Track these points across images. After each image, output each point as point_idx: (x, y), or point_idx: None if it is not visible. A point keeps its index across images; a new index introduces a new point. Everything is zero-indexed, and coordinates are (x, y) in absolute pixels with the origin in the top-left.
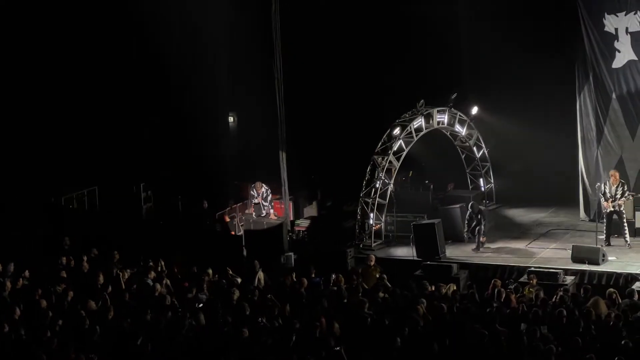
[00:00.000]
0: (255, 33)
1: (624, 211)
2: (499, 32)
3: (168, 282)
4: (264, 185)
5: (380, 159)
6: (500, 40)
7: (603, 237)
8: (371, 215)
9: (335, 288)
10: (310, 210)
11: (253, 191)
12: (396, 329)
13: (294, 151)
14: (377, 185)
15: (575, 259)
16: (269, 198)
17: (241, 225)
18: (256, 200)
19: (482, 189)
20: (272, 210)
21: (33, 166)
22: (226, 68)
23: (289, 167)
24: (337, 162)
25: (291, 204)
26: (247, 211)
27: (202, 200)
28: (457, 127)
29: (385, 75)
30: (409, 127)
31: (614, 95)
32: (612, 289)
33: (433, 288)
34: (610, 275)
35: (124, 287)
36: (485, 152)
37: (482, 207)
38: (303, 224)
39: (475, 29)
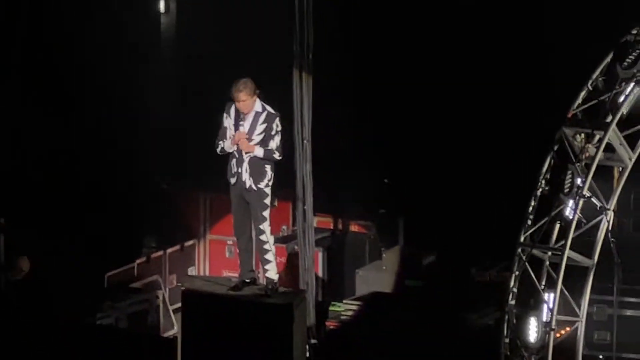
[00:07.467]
0: None
1: None
2: None
3: None
4: (267, 105)
5: (580, 137)
6: None
7: None
8: (548, 296)
9: None
10: (374, 276)
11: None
12: None
13: (334, 115)
14: (567, 212)
15: None
16: (270, 131)
17: (173, 321)
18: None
19: None
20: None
21: None
22: None
23: (323, 159)
24: (448, 150)
25: (320, 253)
26: (190, 269)
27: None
28: None
29: None
30: None
31: None
32: None
33: None
34: None
35: None
36: None
37: None
38: (349, 310)
39: None
